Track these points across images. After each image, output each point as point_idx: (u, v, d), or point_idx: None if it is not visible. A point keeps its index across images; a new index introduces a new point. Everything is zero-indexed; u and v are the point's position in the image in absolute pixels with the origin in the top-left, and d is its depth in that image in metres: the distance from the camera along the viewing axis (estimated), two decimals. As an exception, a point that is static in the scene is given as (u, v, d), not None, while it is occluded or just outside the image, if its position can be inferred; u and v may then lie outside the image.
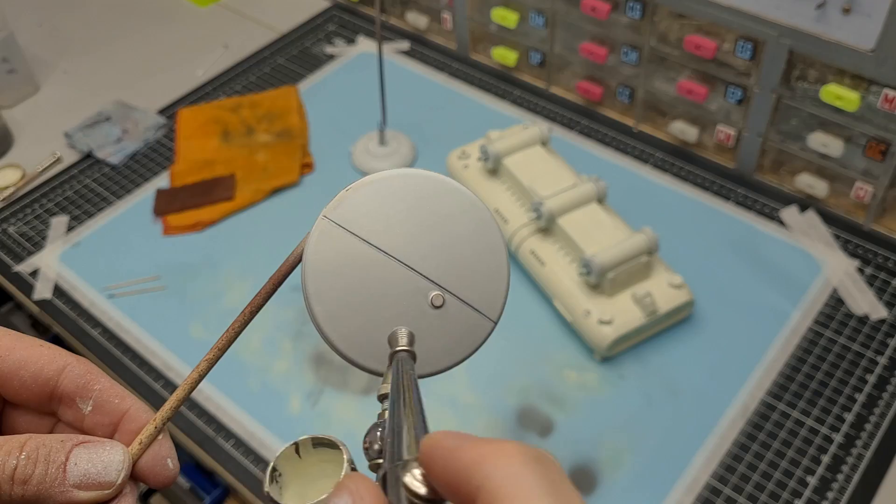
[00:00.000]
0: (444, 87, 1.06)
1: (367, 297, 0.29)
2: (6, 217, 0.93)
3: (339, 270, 0.29)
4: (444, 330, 0.30)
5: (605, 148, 0.96)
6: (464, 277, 0.30)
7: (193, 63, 1.13)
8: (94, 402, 0.30)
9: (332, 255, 0.30)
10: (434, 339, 0.30)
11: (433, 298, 0.30)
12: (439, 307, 0.30)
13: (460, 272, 0.30)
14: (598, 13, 0.90)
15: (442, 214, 0.30)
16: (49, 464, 0.27)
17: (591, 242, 0.76)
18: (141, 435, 0.29)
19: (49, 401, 0.30)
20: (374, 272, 0.29)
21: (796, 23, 0.78)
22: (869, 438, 0.69)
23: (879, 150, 0.79)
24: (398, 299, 0.29)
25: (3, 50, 1.04)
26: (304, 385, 0.75)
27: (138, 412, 0.30)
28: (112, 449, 0.28)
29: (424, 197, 0.30)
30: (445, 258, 0.30)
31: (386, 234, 0.30)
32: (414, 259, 0.30)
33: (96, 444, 0.28)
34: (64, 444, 0.27)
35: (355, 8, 1.20)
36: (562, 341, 0.77)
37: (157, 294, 0.84)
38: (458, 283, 0.30)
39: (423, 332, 0.30)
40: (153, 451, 0.29)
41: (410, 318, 0.30)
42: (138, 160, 0.99)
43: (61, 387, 0.29)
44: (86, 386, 0.30)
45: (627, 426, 0.71)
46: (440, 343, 0.30)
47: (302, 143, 0.98)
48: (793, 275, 0.81)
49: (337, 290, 0.29)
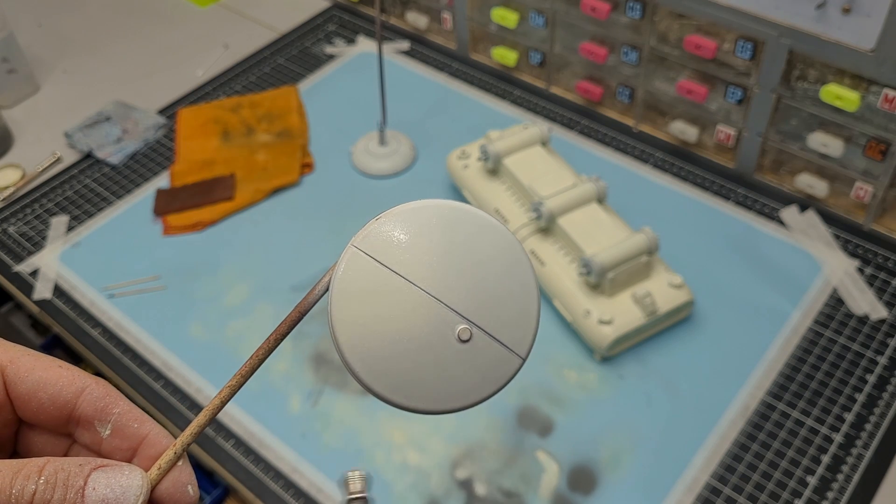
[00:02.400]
0: (444, 87, 1.06)
1: (392, 328, 0.29)
2: (6, 217, 0.93)
3: (366, 300, 0.29)
4: (471, 365, 0.29)
5: (605, 148, 0.96)
6: (493, 312, 0.29)
7: (193, 63, 1.13)
8: (112, 426, 0.29)
9: (360, 284, 0.29)
10: (460, 373, 0.29)
11: (460, 332, 0.29)
12: (466, 341, 0.29)
13: (489, 307, 0.29)
14: (598, 13, 0.90)
15: (473, 248, 0.30)
16: (68, 488, 0.27)
17: (591, 242, 0.76)
18: (160, 460, 0.29)
19: (66, 423, 0.30)
20: (401, 303, 0.29)
21: (796, 23, 0.78)
22: (869, 438, 0.69)
23: (879, 150, 0.79)
24: (425, 331, 0.29)
25: (3, 50, 1.04)
26: (304, 385, 0.75)
27: (157, 437, 0.30)
28: (131, 474, 0.28)
29: (456, 229, 0.30)
30: (475, 292, 0.29)
31: (414, 265, 0.29)
32: (442, 291, 0.29)
33: (115, 469, 0.28)
34: (82, 469, 0.27)
35: (355, 8, 1.20)
36: (562, 341, 0.77)
37: (157, 294, 0.84)
38: (486, 318, 0.29)
39: (449, 366, 0.29)
40: (173, 478, 0.29)
41: (436, 350, 0.29)
42: (138, 160, 0.99)
43: (80, 410, 0.29)
44: (105, 409, 0.29)
45: (627, 426, 0.71)
46: (466, 378, 0.29)
47: (302, 143, 0.98)
48: (793, 275, 0.81)
49: (363, 320, 0.29)
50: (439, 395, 0.29)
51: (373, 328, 0.29)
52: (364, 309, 0.29)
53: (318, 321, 0.80)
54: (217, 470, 0.72)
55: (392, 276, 0.29)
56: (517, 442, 0.71)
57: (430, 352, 0.29)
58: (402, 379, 0.29)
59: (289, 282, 0.84)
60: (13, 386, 0.29)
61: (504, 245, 0.30)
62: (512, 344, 0.30)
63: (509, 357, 0.30)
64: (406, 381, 0.29)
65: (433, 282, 0.29)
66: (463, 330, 0.29)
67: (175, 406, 0.75)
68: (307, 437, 0.72)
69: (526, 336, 0.30)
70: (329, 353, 0.77)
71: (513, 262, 0.30)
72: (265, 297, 0.83)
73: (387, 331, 0.29)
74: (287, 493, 0.68)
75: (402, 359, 0.29)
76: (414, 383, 0.29)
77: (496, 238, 0.30)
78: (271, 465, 0.70)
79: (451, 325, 0.29)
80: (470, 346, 0.29)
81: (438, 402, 0.29)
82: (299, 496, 0.68)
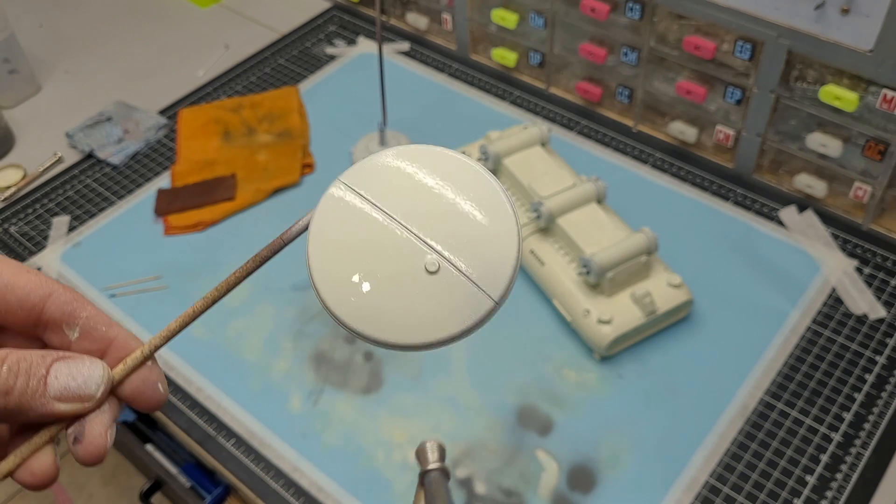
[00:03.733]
0: (444, 88, 1.06)
1: (363, 257, 0.30)
2: (8, 217, 0.93)
3: (342, 229, 0.30)
4: (439, 299, 0.29)
5: (605, 148, 0.97)
6: (468, 250, 0.30)
7: (194, 63, 1.14)
8: (80, 329, 0.30)
9: (338, 214, 0.30)
10: (428, 307, 0.29)
11: (428, 263, 0.29)
12: (434, 273, 0.29)
13: (464, 245, 0.30)
14: (598, 14, 0.91)
15: (457, 191, 0.30)
16: (30, 377, 0.28)
17: (590, 242, 0.76)
18: (127, 359, 0.30)
19: (35, 326, 0.30)
20: (375, 233, 0.30)
21: (795, 23, 0.78)
22: (868, 437, 0.69)
23: (878, 150, 0.79)
24: (395, 261, 0.29)
25: (5, 50, 1.04)
26: (305, 384, 0.75)
27: (126, 340, 0.31)
28: (92, 364, 0.29)
29: (441, 172, 0.31)
30: (452, 230, 0.30)
31: (394, 200, 0.30)
32: (418, 225, 0.30)
33: (77, 360, 0.29)
34: (44, 359, 0.28)
35: (356, 9, 1.20)
36: (561, 341, 0.77)
37: (158, 294, 0.84)
38: (459, 254, 0.30)
39: (417, 298, 0.29)
40: (142, 375, 0.30)
41: (405, 281, 0.29)
42: (139, 160, 0.99)
43: (48, 313, 0.30)
44: (72, 313, 0.30)
45: (627, 425, 0.71)
46: (434, 312, 0.29)
47: (303, 144, 0.98)
48: (791, 274, 0.82)
49: (336, 247, 0.30)
50: (405, 327, 0.29)
51: (345, 256, 0.30)
52: (339, 237, 0.30)
53: (318, 321, 0.80)
54: (218, 469, 0.72)
55: (370, 208, 0.30)
56: (517, 441, 0.71)
57: (399, 282, 0.29)
58: (368, 309, 0.29)
59: (289, 282, 0.84)
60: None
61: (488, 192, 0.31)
62: (484, 284, 0.29)
63: (480, 297, 0.29)
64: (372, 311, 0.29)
65: (411, 216, 0.30)
66: (431, 262, 0.29)
67: (177, 405, 0.75)
68: (308, 437, 0.72)
69: (500, 279, 0.30)
70: (329, 352, 0.78)
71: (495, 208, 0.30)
72: (266, 297, 0.83)
73: (357, 259, 0.30)
74: (288, 493, 0.69)
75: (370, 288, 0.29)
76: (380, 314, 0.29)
77: (481, 185, 0.31)
78: (272, 464, 0.70)
79: (421, 256, 0.30)
80: (438, 279, 0.29)
81: (404, 335, 0.29)
82: (300, 495, 0.68)
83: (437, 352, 0.77)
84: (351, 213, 0.30)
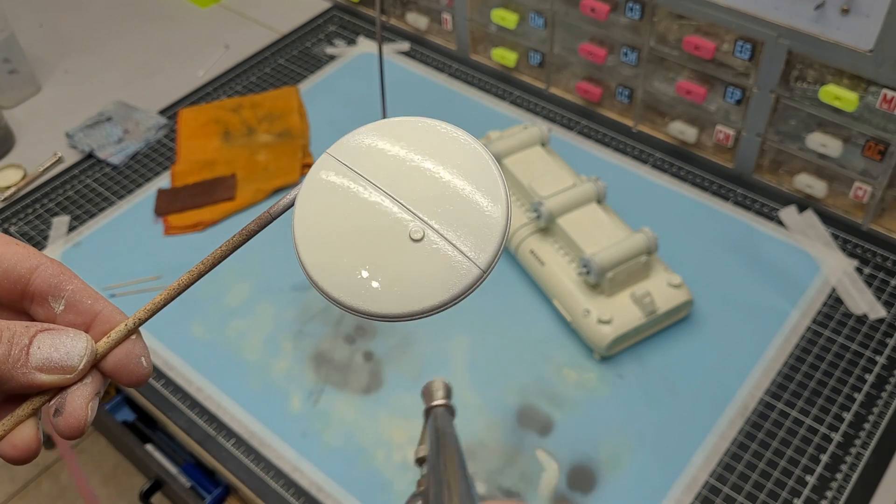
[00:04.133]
0: (444, 88, 1.06)
1: (348, 229, 0.29)
2: (8, 217, 0.93)
3: (328, 201, 0.30)
4: (425, 267, 0.29)
5: (605, 148, 0.97)
6: (454, 219, 0.29)
7: (194, 63, 1.14)
8: (66, 302, 0.30)
9: (324, 186, 0.30)
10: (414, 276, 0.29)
11: (413, 231, 0.29)
12: (419, 241, 0.29)
13: (451, 214, 0.29)
14: (598, 14, 0.91)
15: (444, 160, 0.30)
16: (12, 345, 0.28)
17: (590, 242, 0.76)
18: (111, 333, 0.30)
19: (21, 299, 0.30)
20: (360, 203, 0.30)
21: (795, 23, 0.78)
22: (868, 437, 0.69)
23: (878, 150, 0.79)
24: (379, 231, 0.29)
25: (5, 50, 1.04)
26: (305, 384, 0.75)
27: (111, 314, 0.30)
28: (75, 337, 0.29)
29: (428, 142, 0.30)
30: (438, 199, 0.30)
31: (380, 170, 0.30)
32: (403, 194, 0.30)
33: (60, 332, 0.29)
34: (28, 329, 0.28)
35: (356, 9, 1.20)
36: (561, 341, 0.77)
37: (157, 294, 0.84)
38: (445, 223, 0.29)
39: (403, 267, 0.29)
40: (126, 349, 0.30)
41: (390, 250, 0.29)
42: (139, 160, 0.99)
43: (33, 285, 0.30)
44: (58, 286, 0.30)
45: (627, 425, 0.71)
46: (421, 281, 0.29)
47: (303, 144, 0.98)
48: (791, 274, 0.82)
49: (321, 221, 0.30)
50: (391, 297, 0.29)
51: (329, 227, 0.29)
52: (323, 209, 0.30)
53: (318, 321, 0.80)
54: (218, 469, 0.72)
55: (356, 178, 0.30)
56: (517, 441, 0.71)
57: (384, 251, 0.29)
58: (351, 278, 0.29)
59: (289, 281, 0.84)
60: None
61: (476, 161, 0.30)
62: (470, 252, 0.29)
63: (466, 265, 0.29)
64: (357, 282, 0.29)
65: (396, 186, 0.30)
66: (415, 229, 0.29)
67: (176, 405, 0.75)
68: (308, 437, 0.72)
69: (487, 248, 0.29)
70: (329, 352, 0.78)
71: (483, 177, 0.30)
72: (266, 297, 0.83)
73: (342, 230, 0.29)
74: (288, 493, 0.69)
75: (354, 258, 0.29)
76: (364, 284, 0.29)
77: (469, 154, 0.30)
78: (272, 464, 0.70)
79: (406, 225, 0.29)
80: (423, 247, 0.29)
81: (389, 305, 0.29)
82: (300, 495, 0.68)
83: (437, 352, 0.77)
84: (336, 185, 0.30)
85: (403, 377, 0.76)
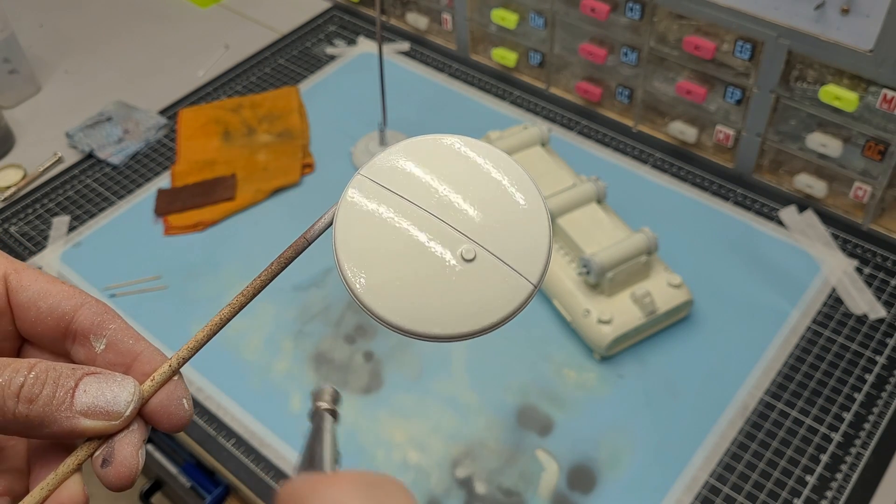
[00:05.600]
0: (444, 88, 1.06)
1: (396, 250, 0.29)
2: (8, 217, 0.93)
3: (369, 222, 0.29)
4: (478, 287, 0.28)
5: (605, 148, 0.97)
6: (500, 236, 0.29)
7: (194, 63, 1.14)
8: (107, 341, 0.29)
9: (364, 208, 0.29)
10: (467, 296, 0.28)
11: (464, 251, 0.28)
12: (471, 261, 0.28)
13: (496, 230, 0.29)
14: (598, 14, 0.91)
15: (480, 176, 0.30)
16: (58, 387, 0.27)
17: (590, 242, 0.76)
18: (155, 374, 0.29)
19: (63, 337, 0.30)
20: (405, 225, 0.29)
21: (795, 23, 0.78)
22: (868, 437, 0.69)
23: (878, 150, 0.79)
24: (428, 252, 0.29)
25: (5, 50, 1.04)
26: (305, 384, 0.75)
27: (152, 355, 0.30)
28: (123, 381, 0.28)
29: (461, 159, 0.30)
30: (481, 216, 0.29)
31: (419, 190, 0.29)
32: (446, 213, 0.29)
33: (107, 376, 0.28)
34: (74, 372, 0.27)
35: (356, 9, 1.20)
36: (561, 341, 0.77)
37: (158, 294, 0.84)
38: (493, 240, 0.29)
39: (455, 288, 0.28)
40: (168, 391, 0.29)
41: (441, 272, 0.28)
42: (139, 160, 0.99)
43: (76, 323, 0.29)
44: (100, 324, 0.30)
45: (627, 425, 0.71)
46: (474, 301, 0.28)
47: (303, 144, 0.98)
48: (791, 274, 0.82)
49: (366, 242, 0.29)
50: (446, 318, 0.28)
51: (376, 250, 0.29)
52: (367, 231, 0.29)
53: (318, 321, 0.80)
54: (218, 469, 0.72)
55: (396, 199, 0.29)
56: (517, 441, 0.71)
57: (435, 273, 0.28)
58: (405, 302, 0.28)
59: (290, 281, 0.84)
60: (14, 294, 0.29)
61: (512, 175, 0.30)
62: (522, 268, 0.29)
63: (518, 281, 0.29)
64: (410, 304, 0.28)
65: (438, 205, 0.29)
66: (467, 249, 0.29)
67: (176, 405, 0.75)
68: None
69: (536, 262, 0.29)
70: (329, 352, 0.78)
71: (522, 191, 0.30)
72: (266, 297, 0.83)
73: (390, 252, 0.29)
74: (288, 492, 0.68)
75: (405, 281, 0.28)
76: (419, 306, 0.28)
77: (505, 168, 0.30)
78: (272, 464, 0.70)
79: (455, 245, 0.29)
80: (475, 267, 0.29)
81: (447, 326, 0.28)
82: (300, 495, 0.68)
83: (437, 352, 0.77)
84: (377, 207, 0.29)
85: (403, 377, 0.76)
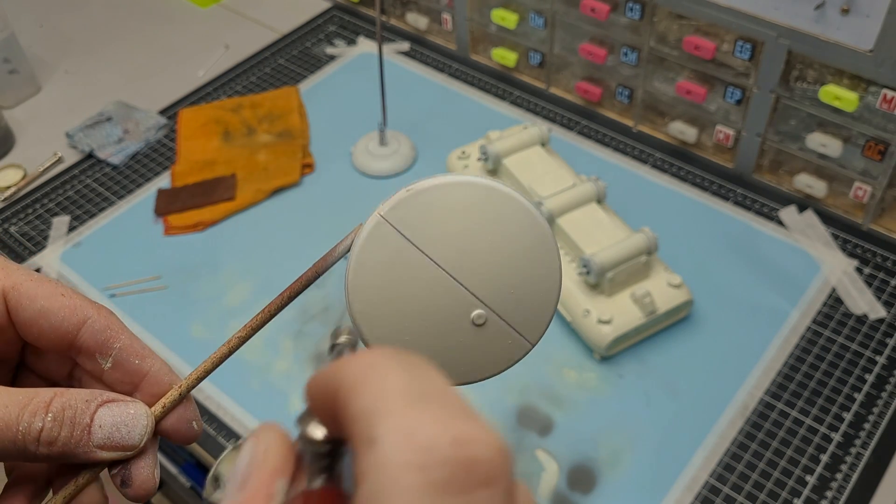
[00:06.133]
0: (444, 88, 1.06)
1: (408, 303, 0.29)
2: (8, 217, 0.93)
3: (384, 271, 0.29)
4: (480, 347, 0.29)
5: (605, 148, 0.97)
6: (511, 297, 0.29)
7: (194, 63, 1.14)
8: (113, 360, 0.30)
9: (380, 255, 0.29)
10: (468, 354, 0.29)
11: (476, 317, 0.29)
12: (480, 326, 0.29)
13: (508, 292, 0.29)
14: (598, 14, 0.91)
15: (501, 229, 0.29)
16: (74, 426, 0.28)
17: (590, 242, 0.76)
18: (164, 399, 0.30)
19: (69, 349, 0.30)
20: (419, 279, 0.29)
21: (795, 23, 0.78)
22: (868, 437, 0.69)
23: (878, 150, 0.79)
24: (439, 311, 0.29)
25: (5, 50, 1.04)
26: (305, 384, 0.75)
27: (159, 374, 0.30)
28: (136, 412, 0.29)
29: (486, 209, 0.29)
30: (496, 276, 0.29)
31: (438, 243, 0.29)
32: (463, 273, 0.29)
33: (121, 405, 0.29)
34: (89, 405, 0.28)
35: (356, 9, 1.20)
36: (561, 341, 0.77)
37: (158, 294, 0.84)
38: (503, 303, 0.29)
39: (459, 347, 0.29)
40: (178, 414, 0.30)
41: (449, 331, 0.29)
42: (139, 160, 0.99)
43: (81, 340, 0.30)
44: (106, 343, 0.30)
45: (627, 425, 0.71)
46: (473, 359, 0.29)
47: (303, 144, 0.98)
48: (791, 274, 0.82)
49: (379, 291, 0.29)
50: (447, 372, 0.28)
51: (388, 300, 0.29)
52: (381, 280, 0.29)
53: (318, 321, 0.80)
54: (218, 469, 0.72)
55: (414, 252, 0.29)
56: (517, 441, 0.71)
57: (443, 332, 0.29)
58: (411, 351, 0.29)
59: (290, 281, 0.84)
60: (15, 312, 0.29)
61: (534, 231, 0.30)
62: (524, 330, 0.30)
63: (519, 342, 0.30)
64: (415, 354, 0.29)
65: (455, 262, 0.29)
66: (479, 315, 0.29)
67: (176, 405, 0.75)
68: (308, 437, 0.72)
69: (540, 323, 0.30)
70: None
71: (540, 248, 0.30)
72: (266, 297, 0.83)
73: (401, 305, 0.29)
74: (288, 492, 0.68)
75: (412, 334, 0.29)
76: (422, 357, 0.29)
77: (527, 222, 0.29)
78: (272, 464, 0.70)
79: (468, 309, 0.29)
80: (483, 330, 0.29)
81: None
82: (300, 495, 0.68)
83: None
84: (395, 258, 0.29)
85: (403, 377, 0.76)
